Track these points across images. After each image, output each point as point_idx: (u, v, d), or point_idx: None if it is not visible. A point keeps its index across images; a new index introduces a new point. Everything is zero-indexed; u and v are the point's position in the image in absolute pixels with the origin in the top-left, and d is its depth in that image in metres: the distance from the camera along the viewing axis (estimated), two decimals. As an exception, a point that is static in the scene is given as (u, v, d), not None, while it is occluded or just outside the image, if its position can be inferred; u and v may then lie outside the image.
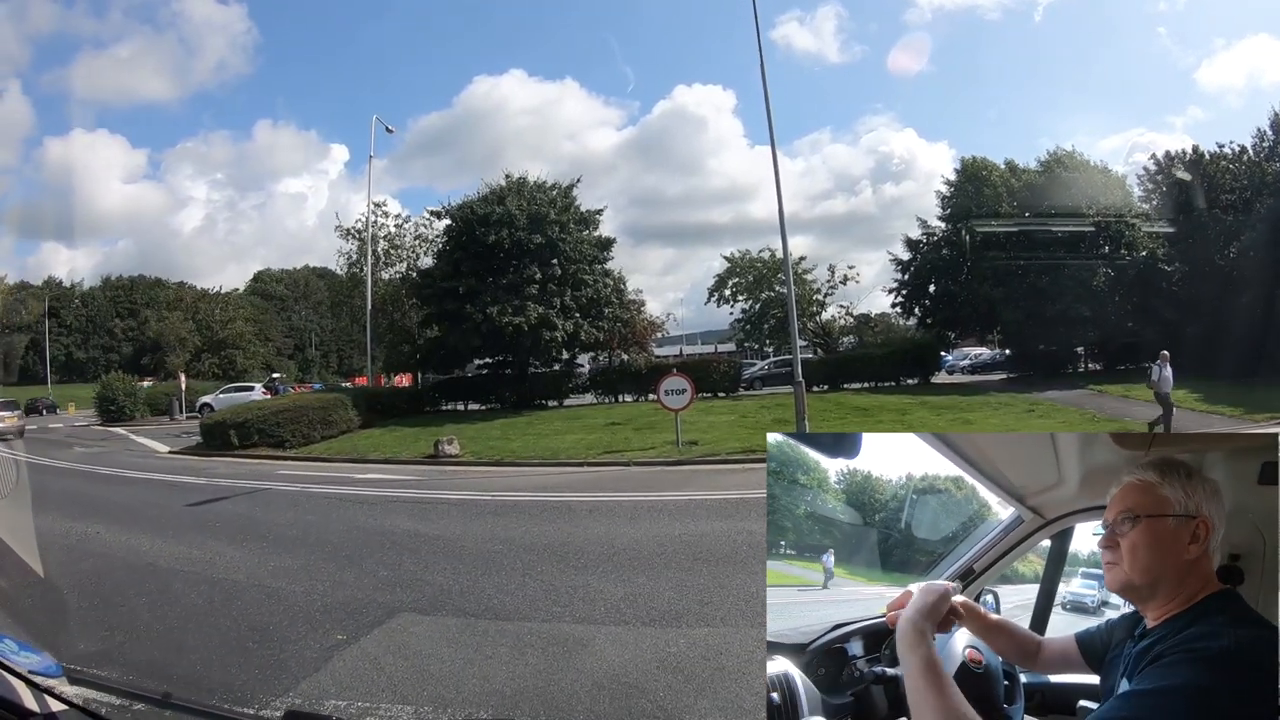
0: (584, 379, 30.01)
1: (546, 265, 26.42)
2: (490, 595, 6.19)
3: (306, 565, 7.54)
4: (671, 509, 9.85)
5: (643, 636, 5.07)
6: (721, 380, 28.72)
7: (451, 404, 29.31)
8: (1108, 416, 19.98)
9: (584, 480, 13.41)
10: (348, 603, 6.17)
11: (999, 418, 20.18)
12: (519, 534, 8.65)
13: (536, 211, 26.44)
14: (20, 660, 1.99)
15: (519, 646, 5.01)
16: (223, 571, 7.48)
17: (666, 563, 6.97)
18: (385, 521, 9.70)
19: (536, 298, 25.70)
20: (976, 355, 42.89)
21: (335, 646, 5.14)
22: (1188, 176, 30.83)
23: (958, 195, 32.97)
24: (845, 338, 36.50)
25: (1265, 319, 24.11)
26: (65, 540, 8.82)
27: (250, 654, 5.08)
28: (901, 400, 23.65)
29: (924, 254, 32.91)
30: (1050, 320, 28.76)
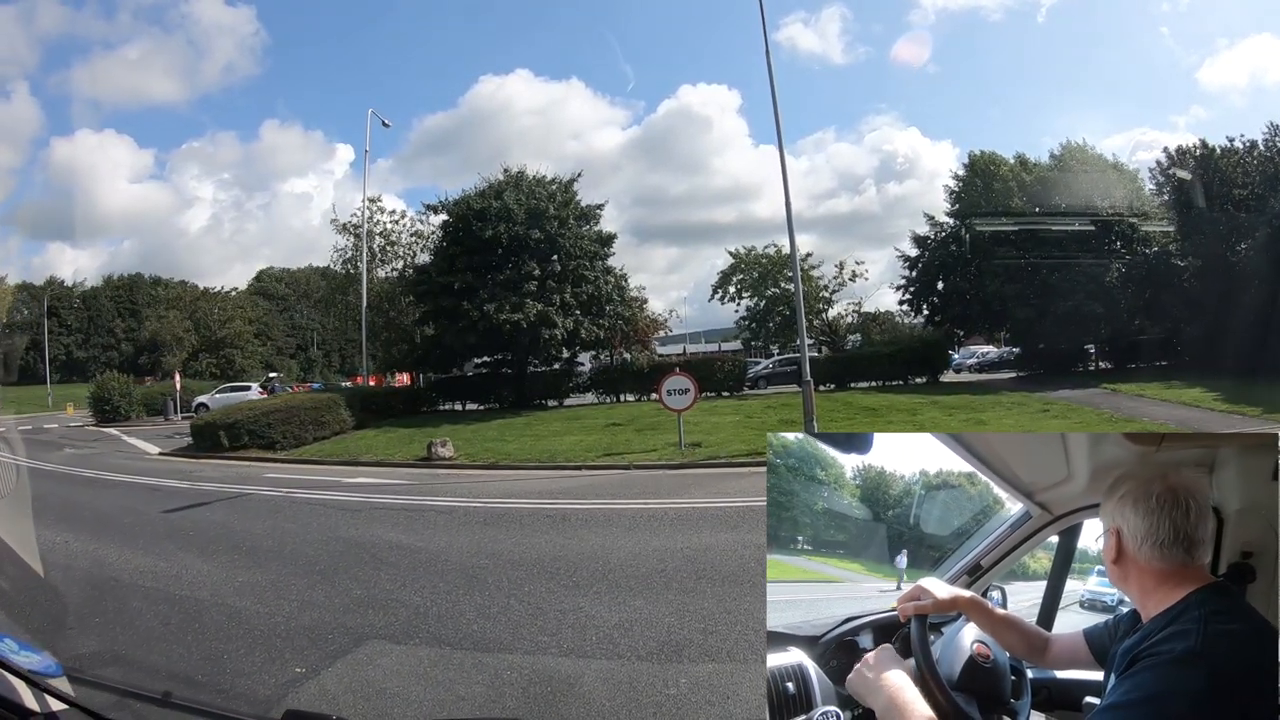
0: (584, 378, 29.32)
1: (546, 261, 25.79)
2: (470, 620, 5.56)
3: (276, 581, 6.95)
4: (673, 518, 9.23)
5: (638, 674, 4.44)
6: (726, 379, 28.15)
7: (449, 404, 28.70)
8: (1124, 416, 19.39)
9: (581, 486, 12.78)
10: (313, 627, 5.57)
11: (1013, 418, 19.58)
12: (508, 547, 8.02)
13: (535, 206, 25.75)
14: (20, 659, 1.99)
15: (496, 685, 4.39)
16: (187, 588, 6.93)
17: (667, 582, 6.33)
18: (367, 531, 9.08)
19: (536, 295, 25.03)
20: (984, 353, 42.26)
21: (291, 682, 4.55)
22: (1188, 176, 30.34)
23: (966, 190, 32.35)
24: (852, 336, 35.82)
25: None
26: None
27: (198, 689, 4.48)
28: (911, 400, 23.00)
29: (932, 250, 32.23)
30: (1062, 317, 28.11)
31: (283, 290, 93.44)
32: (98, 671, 3.08)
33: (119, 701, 2.27)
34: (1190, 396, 21.30)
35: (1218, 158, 30.91)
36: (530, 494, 11.69)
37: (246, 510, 11.19)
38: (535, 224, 25.52)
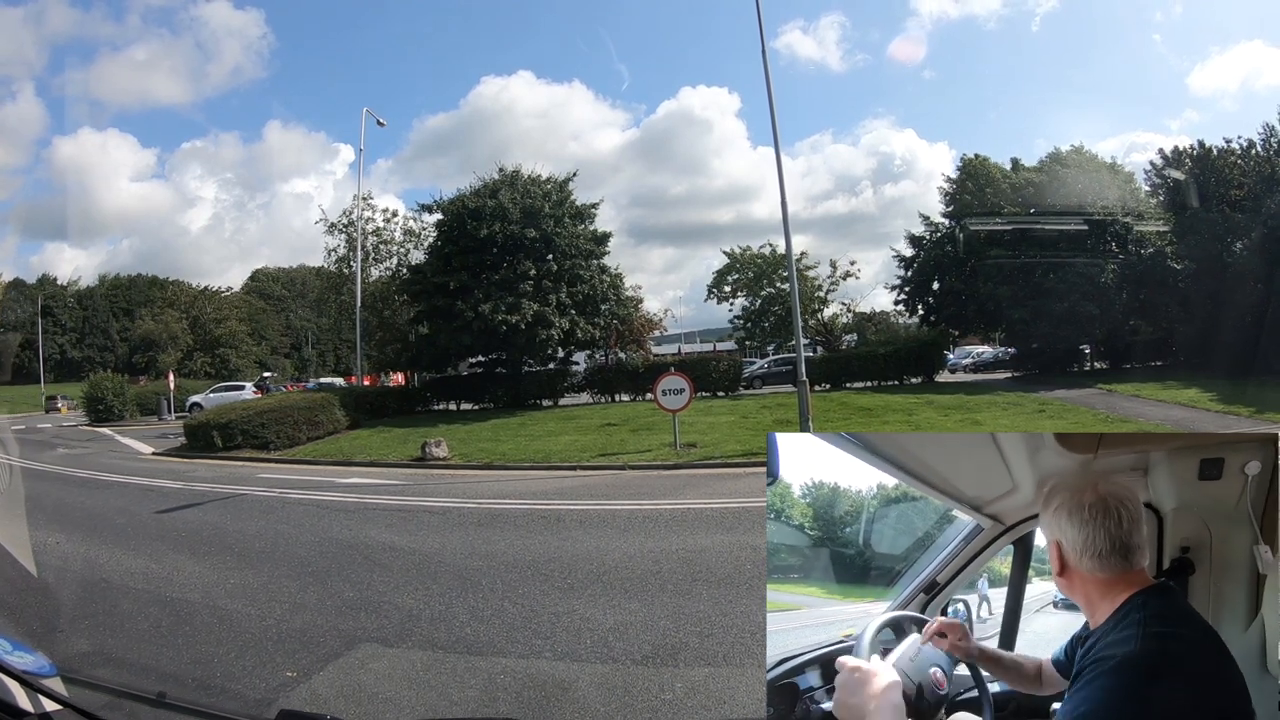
0: (579, 378, 29.19)
1: (541, 260, 25.68)
2: (464, 623, 5.51)
3: (268, 584, 6.88)
4: (668, 519, 9.19)
5: (633, 679, 4.39)
6: (721, 379, 28.10)
7: (443, 403, 28.60)
8: (1120, 416, 19.43)
9: (576, 486, 12.72)
10: (305, 630, 5.52)
11: (1009, 418, 19.59)
12: (502, 548, 7.96)
13: (531, 205, 25.65)
14: (14, 660, 1.98)
15: (490, 690, 4.34)
16: (178, 589, 6.87)
17: (662, 584, 6.29)
18: (360, 533, 9.01)
19: (531, 294, 24.93)
20: (979, 353, 42.30)
21: (282, 686, 4.50)
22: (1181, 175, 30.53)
23: (960, 191, 32.37)
24: (847, 335, 35.82)
25: (1277, 315, 23.66)
26: (22, 551, 8.22)
27: (191, 689, 4.44)
28: (907, 400, 22.98)
29: (927, 250, 32.25)
30: (1058, 317, 28.16)
31: (279, 290, 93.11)
32: (91, 672, 3.11)
33: (113, 702, 2.26)
34: (1186, 397, 21.35)
35: (1214, 158, 30.99)
36: (525, 495, 11.64)
37: (239, 511, 11.11)
38: (531, 223, 25.41)
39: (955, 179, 34.31)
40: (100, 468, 17.19)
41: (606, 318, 27.27)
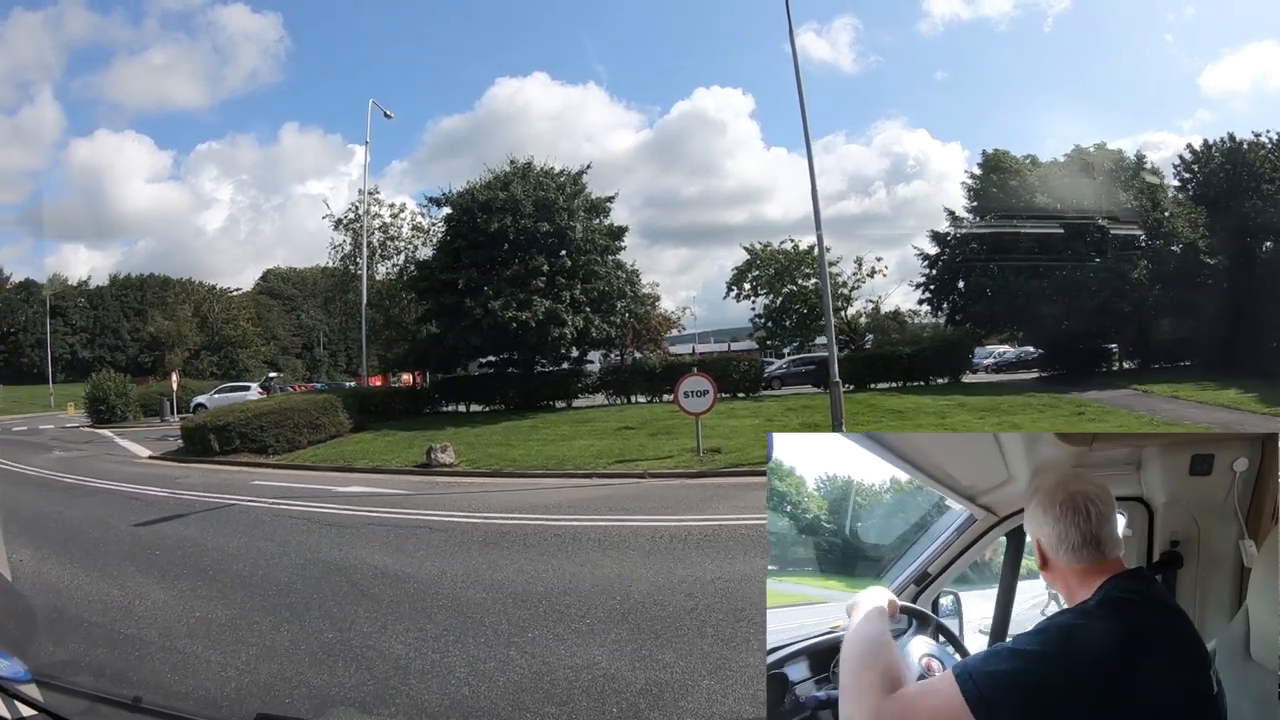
0: (593, 379, 28.11)
1: (554, 256, 24.66)
2: (461, 680, 4.48)
3: (237, 619, 5.88)
4: (697, 538, 8.13)
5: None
6: (743, 380, 27.06)
7: (453, 405, 27.58)
8: (1165, 419, 18.43)
9: (593, 498, 11.69)
10: (270, 685, 4.53)
11: (1047, 420, 18.60)
12: (509, 575, 6.92)
13: (543, 198, 24.63)
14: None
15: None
16: (135, 625, 5.93)
17: (700, 626, 5.19)
18: (351, 553, 8.00)
19: (544, 291, 23.93)
20: (1001, 353, 41.04)
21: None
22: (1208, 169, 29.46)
23: (984, 186, 31.25)
24: (869, 335, 34.63)
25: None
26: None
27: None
28: (937, 402, 21.88)
29: (952, 248, 31.12)
30: (1090, 315, 27.11)
31: (289, 290, 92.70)
32: (67, 677, 2.90)
33: (89, 707, 2.26)
34: (1227, 398, 20.65)
35: (1245, 152, 30.04)
36: (537, 508, 10.62)
37: (223, 525, 10.13)
38: (544, 216, 24.43)
39: (978, 175, 33.17)
40: (90, 473, 16.34)
41: (622, 315, 26.18)
